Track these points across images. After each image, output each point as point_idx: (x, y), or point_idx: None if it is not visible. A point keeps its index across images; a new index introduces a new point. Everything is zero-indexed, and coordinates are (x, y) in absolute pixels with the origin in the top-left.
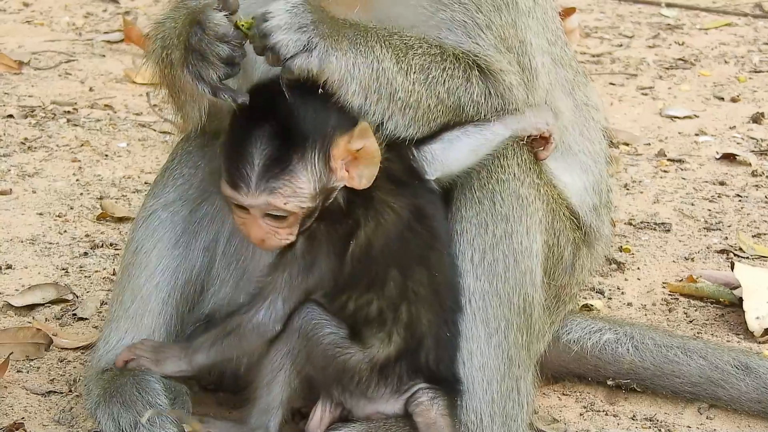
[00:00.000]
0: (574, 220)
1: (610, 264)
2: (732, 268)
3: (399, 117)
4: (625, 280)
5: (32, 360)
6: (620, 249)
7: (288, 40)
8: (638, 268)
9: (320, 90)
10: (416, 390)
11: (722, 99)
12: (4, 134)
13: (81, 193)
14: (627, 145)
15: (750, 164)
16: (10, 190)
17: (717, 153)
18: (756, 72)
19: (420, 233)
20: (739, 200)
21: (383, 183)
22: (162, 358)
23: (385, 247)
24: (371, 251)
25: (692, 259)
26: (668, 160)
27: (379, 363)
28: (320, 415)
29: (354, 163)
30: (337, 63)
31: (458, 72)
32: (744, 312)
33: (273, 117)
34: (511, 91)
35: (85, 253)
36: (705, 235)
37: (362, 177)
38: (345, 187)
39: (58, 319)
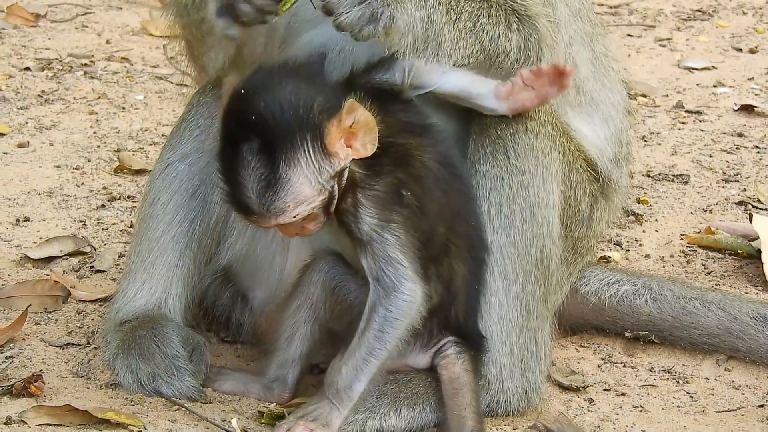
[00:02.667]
0: (591, 172)
1: (628, 216)
2: (750, 220)
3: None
4: (643, 231)
5: (50, 312)
6: (638, 201)
7: (352, 15)
8: (656, 220)
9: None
10: (444, 343)
11: (740, 50)
12: (21, 87)
13: (98, 146)
14: (645, 96)
15: None
16: (28, 142)
17: (735, 104)
18: None
19: (454, 182)
20: (758, 152)
21: (403, 138)
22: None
23: (431, 202)
24: (423, 208)
25: (710, 211)
26: (686, 111)
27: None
28: None
29: (352, 136)
30: (400, 24)
31: (502, 19)
32: (762, 263)
33: (253, 130)
34: (544, 41)
35: (103, 206)
36: (723, 187)
37: (366, 144)
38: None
39: (76, 271)
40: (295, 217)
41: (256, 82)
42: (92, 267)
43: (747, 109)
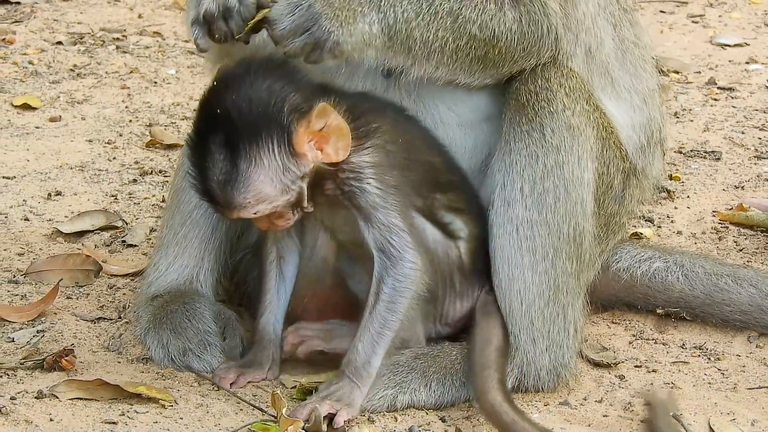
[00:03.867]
0: (624, 149)
1: (660, 192)
2: None
3: (424, 64)
4: (675, 208)
5: (82, 287)
6: (670, 177)
7: (296, 45)
8: (688, 197)
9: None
10: (483, 290)
11: None
12: (54, 61)
13: (130, 120)
14: (677, 73)
15: None
16: (60, 116)
17: (767, 81)
18: None
19: (412, 119)
20: None
21: (370, 96)
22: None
23: (416, 139)
24: (414, 146)
25: (742, 188)
26: (718, 88)
27: (470, 251)
28: None
29: (324, 140)
30: (348, 48)
31: (490, 5)
32: None
33: (220, 124)
34: (546, 9)
35: (135, 180)
36: (755, 164)
37: (338, 150)
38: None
39: (108, 245)
40: (255, 213)
41: (233, 75)
42: (124, 241)
43: None
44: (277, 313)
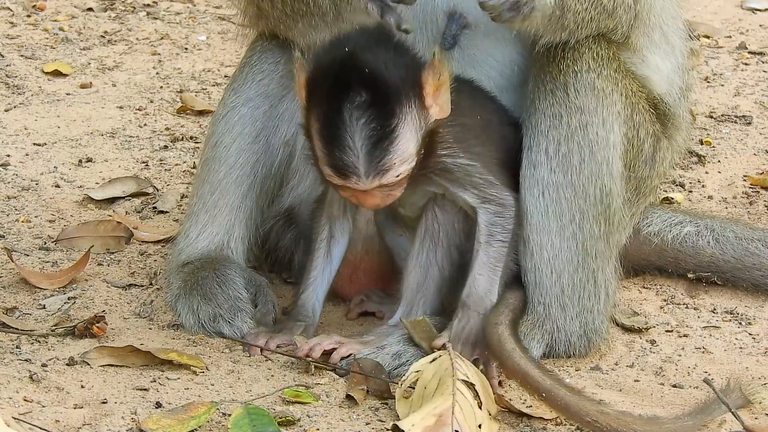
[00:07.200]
0: (654, 112)
1: (691, 157)
2: None
3: (559, 32)
4: (706, 173)
5: (113, 253)
6: (701, 142)
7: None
8: (719, 161)
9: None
10: None
11: None
12: (84, 27)
13: (161, 87)
14: (707, 37)
15: None
16: (91, 83)
17: None
18: None
19: (487, 96)
20: None
21: None
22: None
23: (489, 120)
24: (488, 128)
25: None
26: (749, 52)
27: None
28: None
29: (437, 93)
30: (538, 15)
31: None
32: None
33: (365, 86)
34: None
35: (165, 147)
36: None
37: (444, 103)
38: None
39: (139, 212)
40: (398, 176)
41: (352, 42)
42: (155, 208)
43: None
44: (319, 292)
